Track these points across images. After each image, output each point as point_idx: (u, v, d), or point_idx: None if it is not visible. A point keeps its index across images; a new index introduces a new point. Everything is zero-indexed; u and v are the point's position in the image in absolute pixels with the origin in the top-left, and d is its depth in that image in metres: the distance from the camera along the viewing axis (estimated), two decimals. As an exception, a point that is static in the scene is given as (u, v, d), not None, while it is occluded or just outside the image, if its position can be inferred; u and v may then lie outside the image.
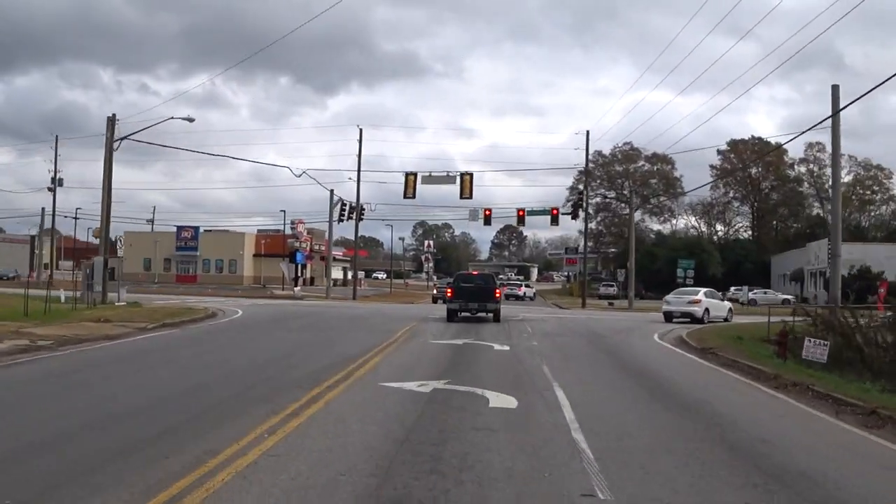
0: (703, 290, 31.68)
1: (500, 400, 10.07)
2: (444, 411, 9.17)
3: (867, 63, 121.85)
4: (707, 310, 29.67)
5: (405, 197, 38.69)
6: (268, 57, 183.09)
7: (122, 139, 32.11)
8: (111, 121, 31.98)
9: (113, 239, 33.41)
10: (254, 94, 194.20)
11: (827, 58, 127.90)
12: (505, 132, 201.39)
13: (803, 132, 65.95)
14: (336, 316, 30.49)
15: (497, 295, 28.07)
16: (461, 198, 38.62)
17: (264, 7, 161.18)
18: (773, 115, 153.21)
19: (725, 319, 30.68)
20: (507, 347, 17.78)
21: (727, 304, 32.30)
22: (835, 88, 26.91)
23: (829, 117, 26.80)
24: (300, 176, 36.76)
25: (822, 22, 77.79)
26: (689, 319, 29.30)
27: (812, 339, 15.87)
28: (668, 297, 31.16)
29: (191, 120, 30.93)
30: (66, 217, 71.17)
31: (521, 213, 47.62)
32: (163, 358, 14.78)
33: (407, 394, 10.45)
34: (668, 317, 30.06)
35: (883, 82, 19.64)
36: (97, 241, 34.22)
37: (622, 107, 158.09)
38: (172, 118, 30.59)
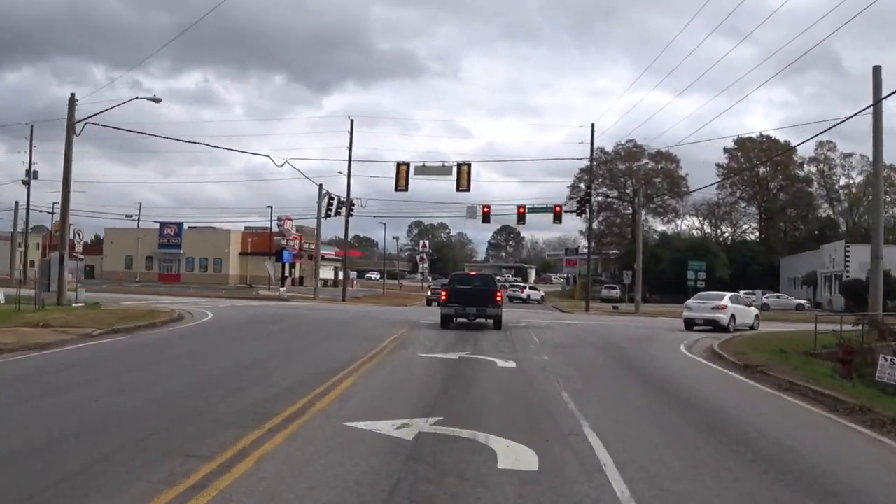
0: (728, 294, 28.53)
1: (512, 454, 7.01)
2: (432, 479, 6.11)
3: (865, 66, 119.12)
4: (733, 317, 26.54)
5: (397, 189, 35.60)
6: (263, 55, 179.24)
7: (84, 120, 29.05)
8: (71, 102, 28.87)
9: (72, 234, 30.20)
10: (247, 93, 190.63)
11: (825, 61, 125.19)
12: (502, 132, 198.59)
13: (840, 122, 62.71)
14: (318, 320, 27.48)
15: (498, 298, 24.76)
16: (458, 190, 35.54)
17: (258, 4, 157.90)
18: (770, 117, 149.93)
19: (751, 327, 27.55)
20: (512, 363, 14.69)
21: (753, 310, 29.15)
22: (876, 70, 24.07)
23: (871, 105, 23.93)
24: (282, 166, 33.72)
25: (818, 24, 74.68)
26: (710, 327, 26.21)
27: (889, 358, 12.92)
28: (690, 302, 27.98)
29: (157, 100, 27.84)
30: (40, 212, 67.80)
31: (521, 210, 44.58)
32: (81, 376, 11.70)
33: (379, 442, 7.41)
34: (690, 324, 26.92)
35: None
36: (77, 238, 31.04)
37: (619, 108, 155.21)
38: (137, 98, 27.54)
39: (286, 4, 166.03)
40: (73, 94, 28.24)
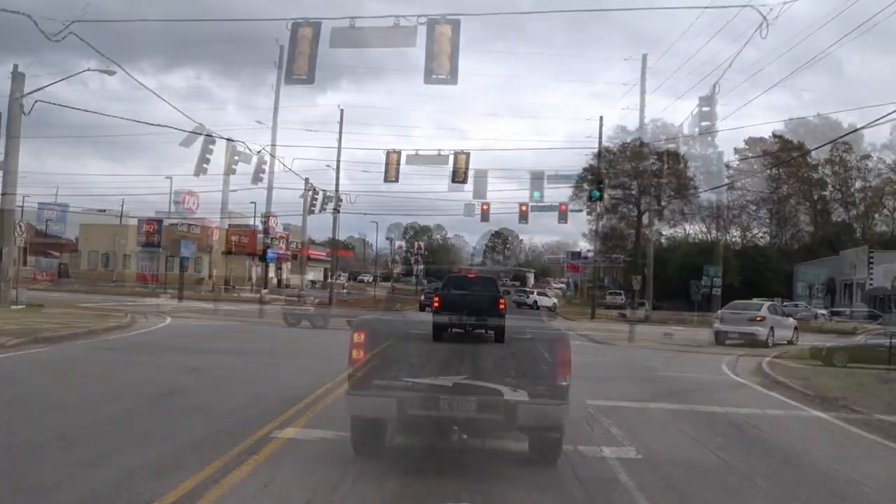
0: (767, 303, 24.90)
1: None
2: None
3: (865, 69, 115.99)
4: (772, 330, 22.88)
5: (386, 180, 32.04)
6: (256, 53, 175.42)
7: (33, 93, 25.60)
8: (15, 75, 25.42)
9: (18, 224, 26.71)
10: (241, 90, 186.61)
11: (825, 64, 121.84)
12: (500, 134, 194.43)
13: (884, 117, 58.56)
14: (287, 329, 24.14)
15: (502, 306, 20.95)
16: (454, 181, 31.98)
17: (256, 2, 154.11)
18: (771, 120, 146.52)
19: (790, 342, 23.89)
20: (524, 395, 11.14)
21: (792, 321, 25.46)
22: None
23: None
24: (258, 153, 30.39)
25: (815, 25, 70.92)
26: (744, 342, 22.68)
27: None
28: (723, 312, 24.33)
29: (111, 73, 24.46)
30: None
31: (522, 207, 41.17)
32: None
33: None
34: (721, 338, 23.28)
35: None
36: (18, 231, 27.44)
37: (618, 112, 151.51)
38: (88, 70, 24.22)
39: (282, 1, 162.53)
40: (16, 65, 24.84)
